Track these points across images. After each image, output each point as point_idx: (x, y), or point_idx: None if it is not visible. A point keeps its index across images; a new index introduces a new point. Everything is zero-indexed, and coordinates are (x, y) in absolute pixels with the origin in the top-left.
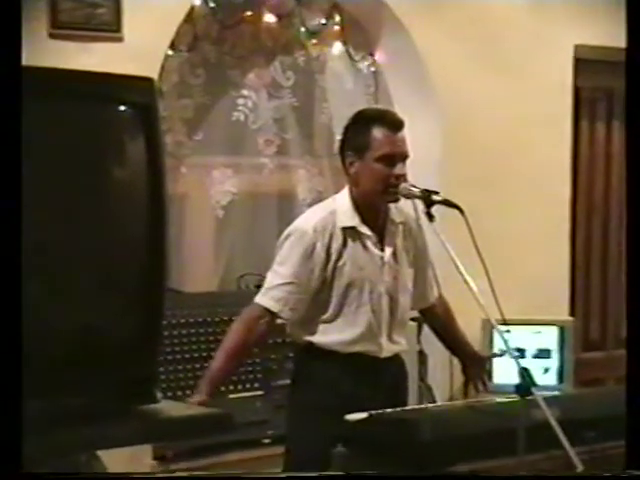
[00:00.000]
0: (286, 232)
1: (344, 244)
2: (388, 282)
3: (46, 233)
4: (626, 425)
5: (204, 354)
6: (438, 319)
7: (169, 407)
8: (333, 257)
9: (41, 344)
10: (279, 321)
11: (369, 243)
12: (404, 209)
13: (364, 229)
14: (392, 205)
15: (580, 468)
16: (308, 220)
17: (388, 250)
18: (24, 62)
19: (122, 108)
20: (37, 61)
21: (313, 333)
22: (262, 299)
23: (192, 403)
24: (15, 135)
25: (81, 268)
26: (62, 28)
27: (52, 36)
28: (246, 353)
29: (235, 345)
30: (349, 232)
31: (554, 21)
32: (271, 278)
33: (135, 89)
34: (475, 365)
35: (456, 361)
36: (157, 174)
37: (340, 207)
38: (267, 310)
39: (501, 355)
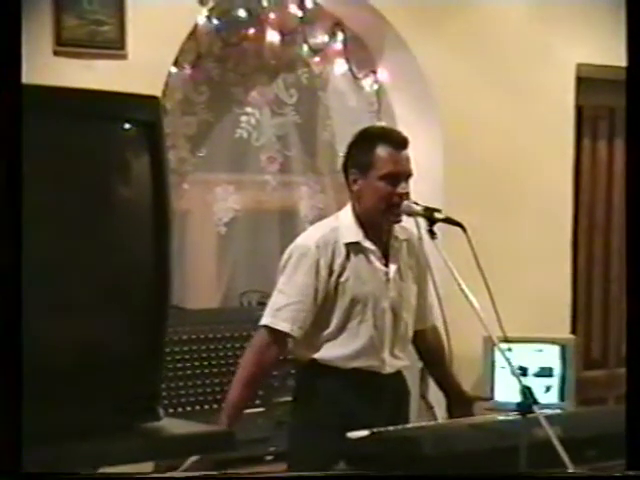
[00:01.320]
0: (288, 250)
1: (347, 260)
2: (392, 298)
3: (50, 250)
4: (626, 425)
5: (206, 371)
6: (429, 349)
7: (171, 424)
8: (336, 273)
9: (43, 360)
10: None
11: (373, 258)
12: (408, 227)
13: (368, 244)
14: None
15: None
16: (310, 237)
17: (393, 266)
18: (28, 80)
19: (127, 126)
20: (41, 79)
21: (315, 349)
22: (272, 321)
23: None
24: (16, 152)
25: (85, 285)
26: (66, 45)
27: (56, 53)
28: (262, 380)
29: (251, 375)
30: (353, 247)
31: (556, 40)
32: (276, 298)
33: (140, 107)
34: (461, 406)
35: (459, 378)
36: (162, 192)
37: (343, 223)
38: (278, 332)
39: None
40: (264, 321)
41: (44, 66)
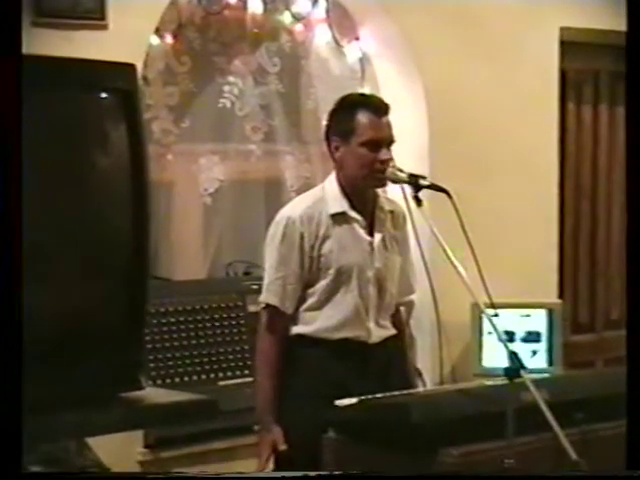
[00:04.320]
0: (273, 224)
1: (332, 230)
2: (377, 268)
3: (28, 220)
4: (626, 425)
5: (193, 342)
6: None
7: (154, 394)
8: (321, 244)
9: (25, 331)
10: None
11: (358, 228)
12: (394, 198)
13: (353, 213)
14: (381, 193)
15: (572, 453)
16: (294, 209)
17: (377, 236)
18: None
19: (104, 94)
20: None
21: (302, 320)
22: (265, 297)
23: (265, 442)
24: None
25: (64, 255)
26: (46, 16)
27: (35, 24)
28: (279, 362)
29: (266, 362)
30: (338, 218)
31: (539, 4)
32: (266, 274)
33: (117, 75)
34: None
35: (445, 344)
36: (139, 160)
37: (329, 194)
38: (272, 307)
39: None
40: (260, 297)
41: (23, 37)
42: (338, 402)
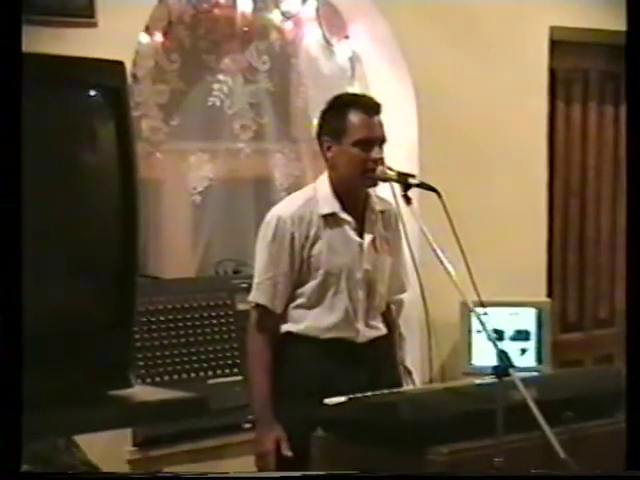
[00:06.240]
0: (264, 222)
1: (322, 231)
2: (366, 269)
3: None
4: (626, 425)
5: (182, 340)
6: None
7: (143, 392)
8: (312, 245)
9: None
10: None
11: (348, 229)
12: (385, 199)
13: (344, 215)
14: (373, 193)
15: (561, 452)
16: (286, 209)
17: (367, 237)
18: None
19: (92, 92)
20: None
21: (292, 320)
22: (254, 295)
23: (269, 439)
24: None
25: (52, 253)
26: (36, 14)
27: (25, 22)
28: (271, 359)
29: (258, 361)
30: (329, 219)
31: (529, 3)
32: (256, 273)
33: (105, 73)
34: None
35: (434, 343)
36: (127, 158)
37: (320, 194)
38: (262, 306)
39: None
40: (250, 297)
41: None
42: (327, 401)
